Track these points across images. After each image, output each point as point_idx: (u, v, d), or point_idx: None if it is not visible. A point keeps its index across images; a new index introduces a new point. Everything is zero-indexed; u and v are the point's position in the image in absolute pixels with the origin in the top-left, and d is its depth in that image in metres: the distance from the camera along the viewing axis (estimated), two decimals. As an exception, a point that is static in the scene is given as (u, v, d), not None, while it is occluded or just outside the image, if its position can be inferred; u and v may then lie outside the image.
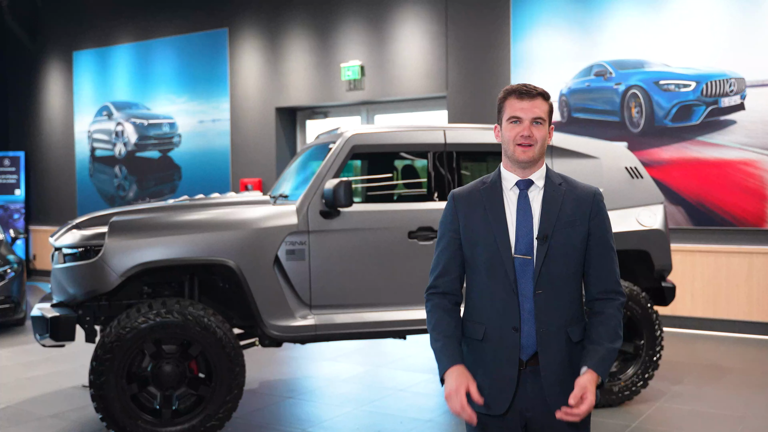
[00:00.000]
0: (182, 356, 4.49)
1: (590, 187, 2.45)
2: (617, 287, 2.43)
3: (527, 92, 2.36)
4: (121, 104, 12.21)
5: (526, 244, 2.34)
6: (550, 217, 2.35)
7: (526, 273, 2.34)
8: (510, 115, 2.38)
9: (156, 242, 4.55)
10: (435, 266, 2.49)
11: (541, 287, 2.33)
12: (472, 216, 2.41)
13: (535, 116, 2.35)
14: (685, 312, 7.88)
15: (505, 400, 2.35)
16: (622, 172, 5.50)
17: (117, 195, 12.30)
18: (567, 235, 2.36)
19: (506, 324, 2.34)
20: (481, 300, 2.40)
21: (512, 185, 2.41)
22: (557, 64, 8.45)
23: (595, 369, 2.31)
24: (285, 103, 10.55)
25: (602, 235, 2.41)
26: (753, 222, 7.49)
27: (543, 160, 2.43)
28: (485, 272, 2.38)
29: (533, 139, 2.35)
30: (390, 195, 5.37)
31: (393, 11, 9.65)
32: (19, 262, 8.38)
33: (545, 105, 2.38)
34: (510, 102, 2.39)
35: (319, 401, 5.52)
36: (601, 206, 2.42)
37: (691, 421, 4.94)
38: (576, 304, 2.40)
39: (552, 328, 2.34)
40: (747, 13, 7.49)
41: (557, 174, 2.46)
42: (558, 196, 2.39)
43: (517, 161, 2.38)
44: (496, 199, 2.40)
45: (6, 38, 13.65)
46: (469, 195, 2.45)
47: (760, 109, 7.42)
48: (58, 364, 6.65)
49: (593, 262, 2.41)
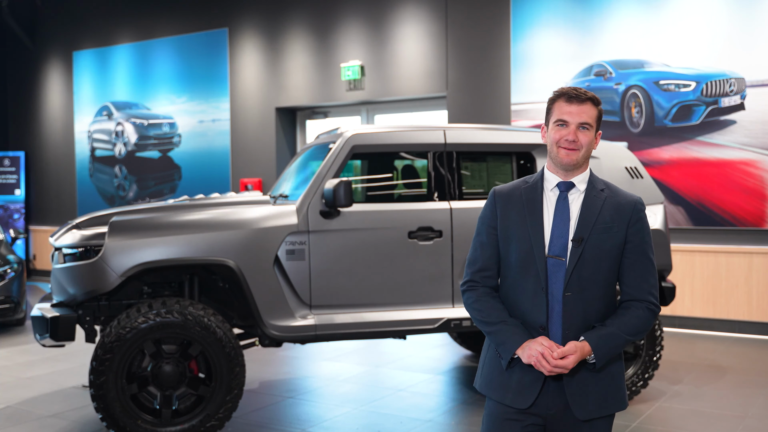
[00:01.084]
0: (182, 356, 4.49)
1: (632, 196, 2.44)
2: (649, 297, 2.40)
3: (576, 96, 2.36)
4: (121, 104, 12.21)
5: (560, 246, 2.35)
6: (587, 221, 2.35)
7: (558, 274, 2.34)
8: (557, 117, 2.38)
9: (156, 242, 4.56)
10: (473, 261, 2.49)
11: (570, 290, 2.34)
12: (510, 213, 2.42)
13: (582, 121, 2.36)
14: (685, 312, 7.89)
15: (530, 395, 2.36)
16: (622, 172, 5.50)
17: (117, 195, 12.30)
18: (602, 240, 2.35)
19: (534, 323, 2.36)
20: (513, 297, 2.42)
21: (553, 186, 2.41)
22: (557, 64, 8.45)
23: (588, 340, 2.31)
24: (285, 103, 10.55)
25: (639, 243, 2.39)
26: (753, 222, 7.49)
27: (587, 165, 2.43)
28: (518, 270, 2.39)
29: (578, 144, 2.36)
30: (390, 195, 5.38)
31: (393, 11, 9.65)
32: (19, 262, 8.38)
33: (594, 110, 2.38)
34: (559, 105, 2.39)
35: (319, 401, 5.52)
36: (641, 216, 2.41)
37: (691, 420, 4.94)
38: (606, 310, 2.40)
39: (578, 331, 2.34)
40: (747, 13, 7.49)
41: (601, 180, 2.45)
42: (598, 202, 2.38)
43: (561, 164, 2.38)
44: (535, 198, 2.41)
45: (6, 38, 13.65)
46: (510, 193, 2.46)
47: (760, 109, 7.42)
48: (58, 364, 6.65)
49: (628, 270, 2.40)
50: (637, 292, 2.39)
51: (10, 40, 13.59)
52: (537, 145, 5.30)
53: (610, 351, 2.33)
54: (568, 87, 2.41)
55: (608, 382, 2.39)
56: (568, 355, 2.28)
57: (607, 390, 2.39)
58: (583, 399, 2.34)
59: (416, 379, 6.05)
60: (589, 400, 2.35)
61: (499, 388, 2.41)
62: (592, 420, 2.37)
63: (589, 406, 2.35)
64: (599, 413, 2.37)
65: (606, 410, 2.39)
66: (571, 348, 2.28)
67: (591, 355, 2.31)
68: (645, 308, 2.39)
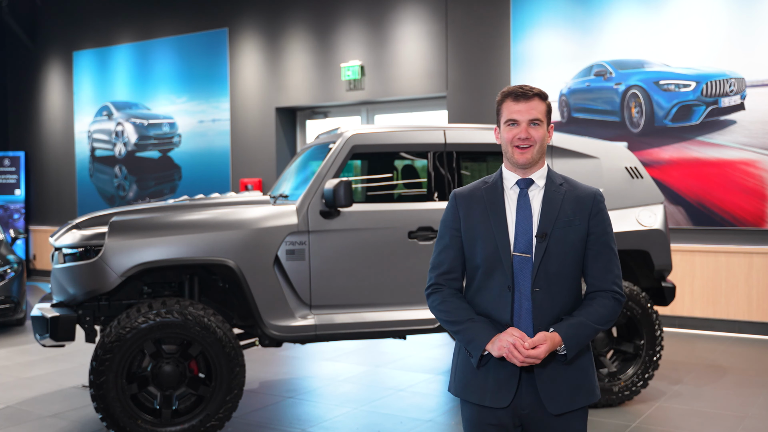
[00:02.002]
0: (182, 356, 4.50)
1: (591, 188, 2.46)
2: (614, 287, 2.43)
3: (523, 94, 2.38)
4: (121, 104, 12.21)
5: (525, 243, 2.36)
6: (549, 216, 2.37)
7: (525, 271, 2.35)
8: (507, 118, 2.40)
9: (156, 242, 4.56)
10: (437, 264, 2.50)
11: (538, 285, 2.35)
12: (472, 214, 2.43)
13: (532, 118, 2.37)
14: (685, 312, 7.89)
15: (508, 393, 2.36)
16: (622, 172, 5.50)
17: (117, 195, 12.30)
18: (566, 234, 2.37)
19: (503, 321, 2.37)
20: (480, 297, 2.42)
21: (513, 184, 2.42)
22: (557, 64, 8.45)
23: (557, 330, 2.32)
24: (285, 103, 10.55)
25: (601, 234, 2.41)
26: (753, 222, 7.49)
27: (544, 160, 2.45)
28: (484, 270, 2.40)
29: (531, 141, 2.37)
30: (390, 195, 5.38)
31: (393, 11, 9.65)
32: (19, 262, 8.38)
33: (542, 105, 2.39)
34: (507, 105, 2.40)
35: (319, 401, 5.52)
36: (601, 207, 2.43)
37: (690, 420, 4.94)
38: (573, 303, 2.42)
39: (548, 327, 2.35)
40: (747, 13, 7.49)
41: (559, 174, 2.47)
42: (558, 196, 2.40)
43: (517, 163, 2.39)
44: (496, 197, 2.42)
45: (6, 38, 13.65)
46: (470, 194, 2.47)
47: (760, 109, 7.42)
48: (58, 364, 6.65)
49: (592, 262, 2.42)
50: (602, 283, 2.42)
51: (10, 40, 13.59)
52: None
53: (580, 341, 2.35)
54: (513, 86, 2.42)
55: (578, 375, 2.41)
56: (539, 345, 2.28)
57: (577, 383, 2.40)
58: (554, 393, 2.35)
59: (416, 379, 6.05)
60: (560, 393, 2.36)
61: (476, 390, 2.40)
62: (566, 414, 2.38)
63: (560, 400, 2.36)
64: (571, 407, 2.38)
65: (577, 403, 2.39)
66: (541, 338, 2.29)
67: (562, 346, 2.32)
68: (611, 298, 2.41)
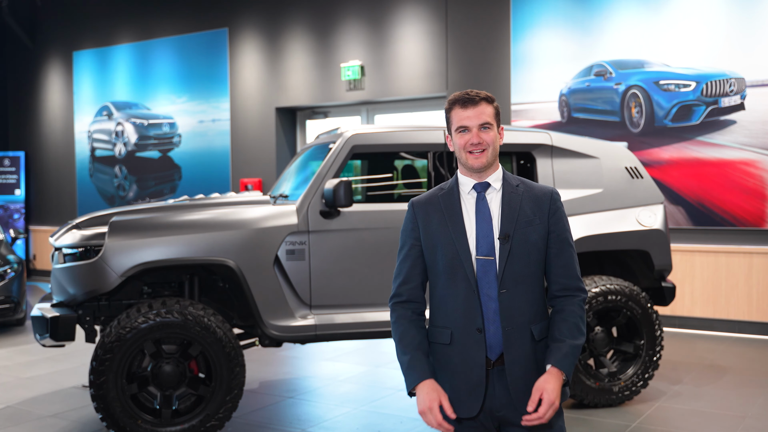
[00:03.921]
0: (182, 356, 4.50)
1: (547, 187, 2.49)
2: (578, 283, 2.46)
3: (470, 99, 2.40)
4: (121, 104, 12.21)
5: (487, 245, 2.37)
6: (510, 217, 2.39)
7: (489, 274, 2.37)
8: (458, 125, 2.42)
9: (156, 242, 4.56)
10: (397, 274, 2.51)
11: (505, 286, 2.36)
12: (431, 222, 2.45)
13: (482, 122, 2.40)
14: (685, 312, 7.89)
15: (476, 402, 2.37)
16: (622, 172, 5.50)
17: (117, 195, 12.30)
18: (527, 233, 2.40)
19: (470, 326, 2.37)
20: (445, 304, 2.42)
21: (470, 189, 2.44)
22: (557, 64, 8.45)
23: (557, 365, 2.34)
24: (285, 103, 10.55)
25: (561, 232, 2.45)
26: (753, 222, 7.49)
27: (498, 164, 2.47)
28: (446, 276, 2.40)
29: (484, 144, 2.40)
30: (390, 195, 5.38)
31: (393, 11, 9.65)
32: (19, 262, 8.38)
33: (490, 108, 2.42)
34: (456, 112, 2.43)
35: (319, 401, 5.52)
36: (558, 205, 2.47)
37: (691, 420, 4.95)
38: (539, 302, 2.44)
39: (517, 327, 2.36)
40: (746, 13, 7.49)
41: (514, 176, 2.50)
42: (516, 197, 2.43)
43: (473, 168, 2.42)
44: (453, 203, 2.44)
45: (6, 38, 13.65)
46: (428, 201, 2.49)
47: (760, 109, 7.42)
48: (58, 364, 6.65)
49: (553, 260, 2.45)
50: (567, 280, 2.45)
51: (10, 40, 13.59)
52: (537, 145, 5.30)
53: (573, 363, 2.39)
54: (459, 93, 2.44)
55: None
56: (543, 396, 2.29)
57: None
58: (527, 396, 2.35)
59: (416, 379, 6.05)
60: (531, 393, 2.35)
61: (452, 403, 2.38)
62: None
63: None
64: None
65: None
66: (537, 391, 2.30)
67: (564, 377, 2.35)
68: (577, 303, 2.44)
